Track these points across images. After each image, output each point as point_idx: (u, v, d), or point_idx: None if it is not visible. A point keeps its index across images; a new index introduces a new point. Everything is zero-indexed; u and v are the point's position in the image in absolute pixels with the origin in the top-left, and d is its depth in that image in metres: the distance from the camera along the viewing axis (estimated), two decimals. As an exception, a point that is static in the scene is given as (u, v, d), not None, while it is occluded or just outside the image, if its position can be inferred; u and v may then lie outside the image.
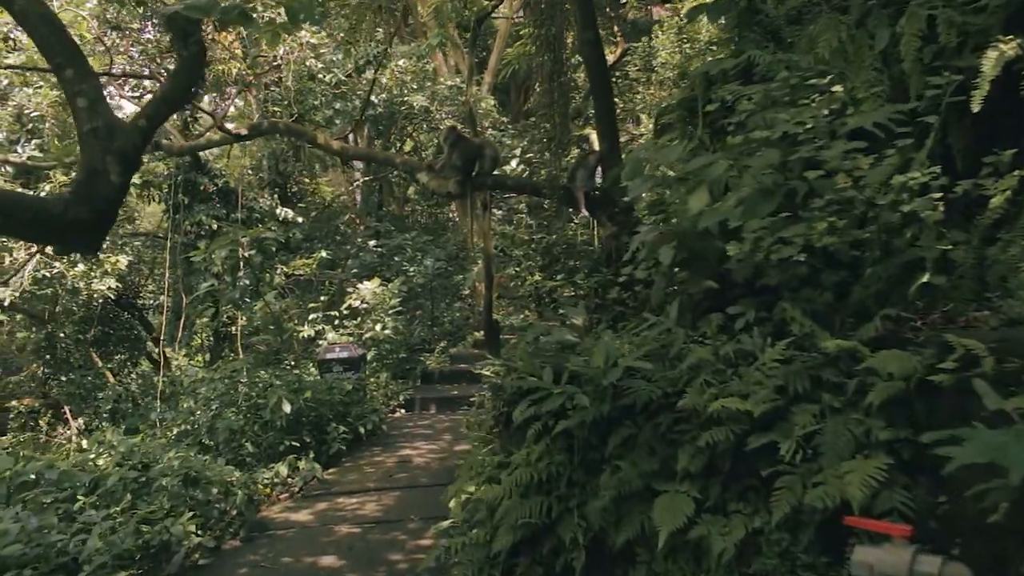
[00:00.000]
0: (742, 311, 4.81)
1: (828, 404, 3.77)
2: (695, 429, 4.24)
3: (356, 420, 11.76)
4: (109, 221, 4.02)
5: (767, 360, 4.09)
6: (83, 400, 16.09)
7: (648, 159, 5.75)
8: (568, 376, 4.75)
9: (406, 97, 18.88)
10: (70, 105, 3.97)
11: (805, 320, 4.08)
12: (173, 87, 4.56)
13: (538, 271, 11.55)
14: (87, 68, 4.05)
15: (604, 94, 8.67)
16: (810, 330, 4.03)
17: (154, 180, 14.98)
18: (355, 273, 18.90)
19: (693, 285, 5.25)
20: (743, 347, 4.34)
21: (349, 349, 13.60)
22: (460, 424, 13.27)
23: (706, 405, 4.05)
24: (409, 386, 15.94)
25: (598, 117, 8.79)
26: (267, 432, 10.49)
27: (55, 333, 16.83)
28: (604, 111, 8.71)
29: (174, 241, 14.51)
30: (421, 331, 19.37)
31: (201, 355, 18.71)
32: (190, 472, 7.81)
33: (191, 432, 11.16)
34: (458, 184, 8.59)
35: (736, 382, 4.18)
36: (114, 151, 3.85)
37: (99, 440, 11.73)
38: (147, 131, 4.25)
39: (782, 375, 3.96)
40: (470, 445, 10.95)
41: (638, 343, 4.98)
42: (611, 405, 4.45)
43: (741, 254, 4.42)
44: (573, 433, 4.78)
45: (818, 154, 4.28)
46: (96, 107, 3.91)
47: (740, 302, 5.00)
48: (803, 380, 3.91)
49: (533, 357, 5.40)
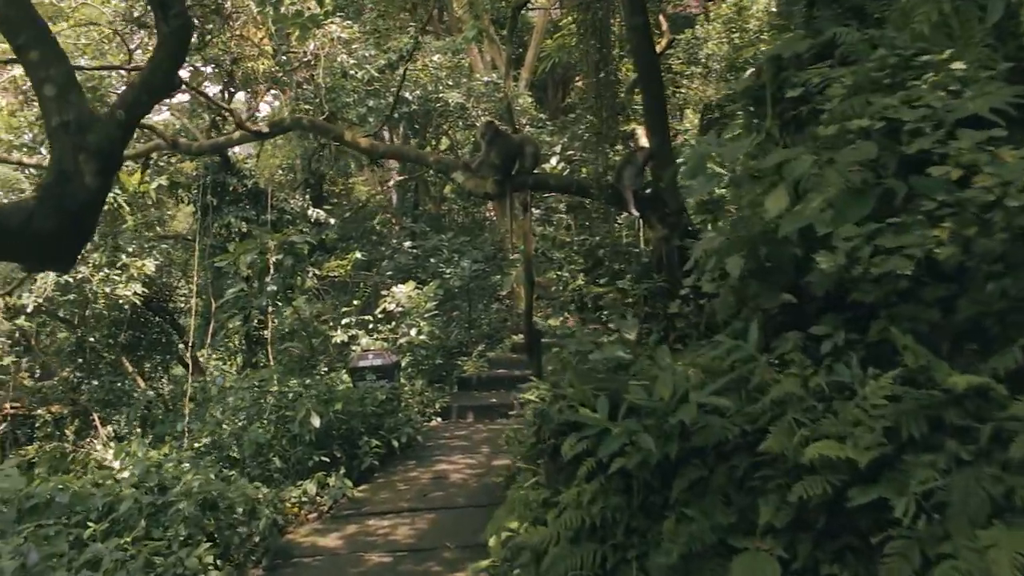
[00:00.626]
0: (828, 331, 4.12)
1: (954, 454, 3.07)
2: (780, 476, 3.56)
3: (389, 433, 11.18)
4: (84, 232, 3.42)
5: (869, 395, 3.40)
6: (112, 406, 15.72)
7: (711, 155, 5.06)
8: (626, 408, 4.09)
9: (441, 93, 18.28)
10: (36, 94, 3.39)
11: (919, 348, 3.38)
12: (153, 71, 3.92)
13: (581, 274, 10.88)
14: (56, 50, 3.44)
15: (654, 85, 7.98)
16: (926, 361, 3.32)
17: (182, 181, 14.52)
18: (390, 275, 18.35)
19: (767, 299, 4.55)
20: (838, 378, 3.64)
21: (383, 356, 13.04)
22: (498, 435, 12.64)
23: (796, 450, 3.37)
24: (445, 393, 15.37)
25: (647, 110, 8.11)
26: (295, 446, 9.94)
27: (85, 337, 16.47)
28: (654, 104, 8.03)
29: (203, 244, 14.04)
30: (458, 334, 18.79)
31: (232, 360, 18.30)
32: (209, 495, 7.24)
33: (218, 444, 10.68)
34: (496, 184, 7.93)
35: (830, 420, 3.49)
36: (88, 148, 3.26)
37: (124, 451, 11.37)
38: (126, 123, 3.64)
39: (891, 415, 3.27)
40: (510, 460, 10.41)
41: (707, 368, 4.30)
42: (679, 446, 3.78)
43: (833, 266, 3.72)
44: (632, 473, 4.12)
45: (938, 146, 3.55)
46: (66, 96, 3.31)
47: (823, 320, 4.31)
48: (919, 423, 3.22)
49: (583, 380, 4.75)
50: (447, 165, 8.14)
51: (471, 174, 8.01)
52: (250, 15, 12.62)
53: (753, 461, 3.72)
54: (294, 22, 9.06)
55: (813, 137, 5.00)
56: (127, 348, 17.73)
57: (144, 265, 12.79)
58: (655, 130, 8.06)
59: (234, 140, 9.48)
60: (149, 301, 17.63)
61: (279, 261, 13.39)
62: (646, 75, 7.98)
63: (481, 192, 7.93)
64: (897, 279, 3.72)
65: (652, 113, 8.07)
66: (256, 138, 8.63)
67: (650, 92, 7.99)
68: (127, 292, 12.47)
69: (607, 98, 7.91)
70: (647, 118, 8.12)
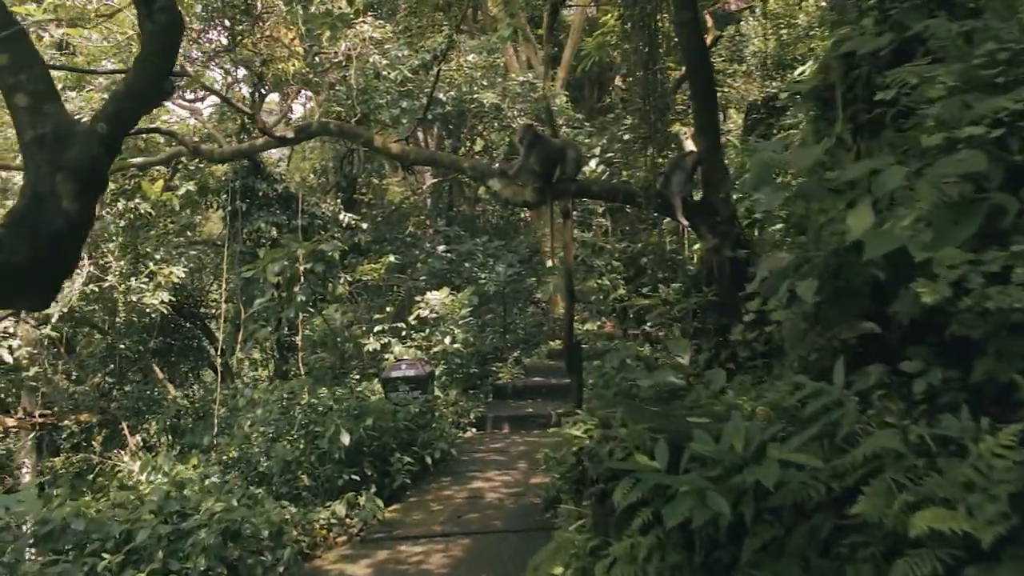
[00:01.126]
0: (921, 368, 3.58)
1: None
2: (874, 544, 3.04)
3: (423, 448, 10.74)
4: (63, 264, 2.95)
5: (985, 453, 2.87)
6: (142, 414, 15.46)
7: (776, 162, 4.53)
8: (689, 456, 3.58)
9: (476, 94, 17.81)
10: (7, 103, 2.94)
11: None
12: (138, 75, 3.41)
13: (622, 283, 10.34)
14: (29, 51, 2.98)
15: (704, 84, 7.44)
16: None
17: (212, 186, 14.20)
18: (423, 280, 17.94)
19: (844, 328, 4.02)
20: (944, 431, 3.10)
21: (416, 366, 12.60)
22: (535, 448, 12.18)
23: (897, 518, 2.85)
24: (480, 402, 14.93)
25: (696, 111, 7.57)
26: (324, 464, 9.53)
27: (116, 344, 16.24)
28: (703, 104, 7.49)
29: (232, 250, 13.71)
30: (493, 338, 18.35)
31: (265, 367, 18.00)
32: (231, 525, 6.83)
33: (245, 459, 10.33)
34: (536, 192, 7.41)
35: (936, 481, 2.96)
36: (66, 167, 2.81)
37: (150, 464, 11.05)
38: (109, 138, 3.16)
39: (1017, 480, 2.73)
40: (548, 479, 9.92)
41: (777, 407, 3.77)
42: (755, 507, 3.26)
43: (937, 298, 3.18)
44: (694, 528, 3.61)
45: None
46: (41, 107, 2.86)
47: (911, 352, 3.77)
48: (1052, 491, 2.68)
49: (635, 417, 4.24)
50: (482, 171, 7.63)
51: (508, 181, 7.51)
52: (280, 15, 12.24)
53: (839, 523, 3.19)
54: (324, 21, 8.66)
55: (892, 144, 4.46)
56: (158, 354, 17.51)
57: (172, 272, 12.46)
58: (704, 132, 7.52)
59: (258, 146, 9.06)
60: (180, 307, 17.39)
61: (310, 268, 13.03)
62: (696, 73, 7.43)
63: (519, 200, 7.42)
64: (1011, 312, 3.17)
65: (701, 114, 7.53)
66: (281, 144, 8.21)
67: (700, 91, 7.45)
68: (154, 301, 12.15)
69: (655, 98, 7.37)
70: (696, 119, 7.58)
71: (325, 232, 14.19)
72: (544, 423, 14.03)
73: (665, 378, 5.39)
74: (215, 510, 7.07)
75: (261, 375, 18.12)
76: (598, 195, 7.81)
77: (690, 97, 7.55)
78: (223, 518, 6.87)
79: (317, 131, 8.18)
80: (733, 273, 7.60)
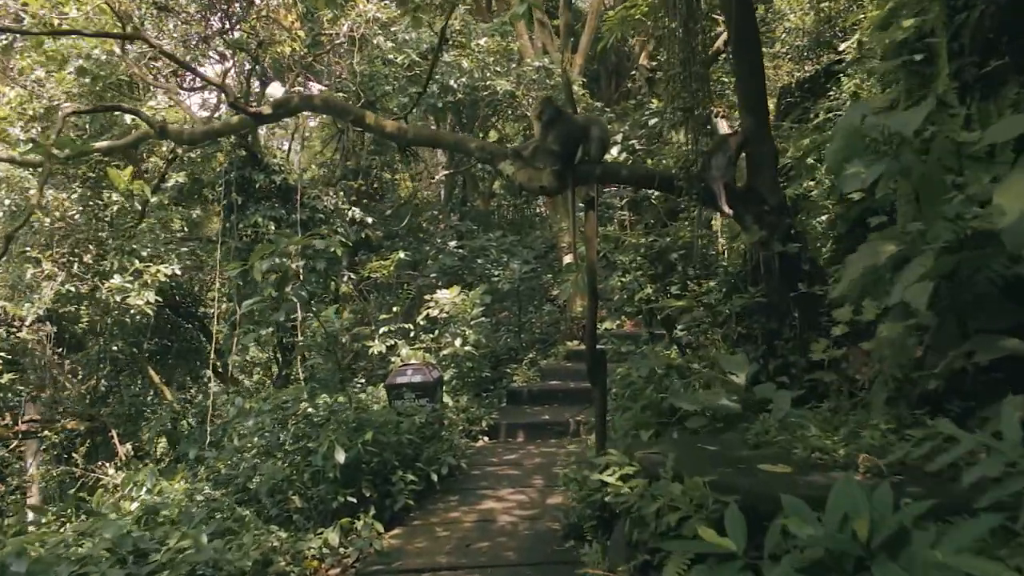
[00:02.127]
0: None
1: None
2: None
3: (428, 464, 9.72)
4: None
5: None
6: (134, 421, 14.58)
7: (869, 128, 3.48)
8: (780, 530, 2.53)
9: (489, 81, 16.77)
10: None
11: None
12: None
13: (649, 282, 9.30)
14: None
15: (751, 54, 6.40)
16: None
17: (204, 178, 13.25)
18: (434, 277, 16.94)
19: (981, 347, 2.97)
20: None
21: (423, 372, 11.60)
22: (552, 460, 11.17)
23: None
24: (493, 408, 13.92)
25: (740, 83, 6.53)
26: (318, 484, 8.54)
27: (108, 347, 15.36)
28: (750, 76, 6.45)
29: (228, 246, 12.76)
30: (507, 338, 17.39)
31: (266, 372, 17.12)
32: (196, 569, 5.85)
33: (235, 476, 9.39)
34: (555, 176, 6.33)
35: None
36: None
37: (132, 481, 10.16)
38: None
39: None
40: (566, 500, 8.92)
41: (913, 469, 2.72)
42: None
43: None
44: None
45: None
46: None
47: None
48: None
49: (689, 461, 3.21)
50: (492, 153, 6.56)
51: (523, 163, 6.45)
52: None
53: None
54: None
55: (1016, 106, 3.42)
56: (154, 356, 16.63)
57: (159, 271, 11.49)
58: (751, 108, 6.48)
59: (232, 125, 8.05)
60: (178, 306, 16.52)
61: (310, 266, 12.07)
62: (742, 43, 6.39)
63: (535, 187, 6.37)
64: None
65: (747, 88, 6.48)
66: (257, 121, 7.21)
67: (747, 62, 6.41)
68: (139, 302, 11.18)
69: (697, 64, 6.31)
70: (740, 92, 6.52)
71: (328, 226, 13.20)
72: (561, 431, 13.02)
73: (716, 401, 4.35)
74: (183, 546, 6.11)
75: (262, 379, 17.26)
76: (627, 180, 6.74)
77: (734, 65, 6.49)
78: (189, 559, 5.89)
79: (298, 106, 7.16)
80: (783, 270, 6.58)
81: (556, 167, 6.28)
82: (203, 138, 8.28)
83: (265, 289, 8.72)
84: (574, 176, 6.36)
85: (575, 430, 13.08)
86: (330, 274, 13.02)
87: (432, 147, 15.71)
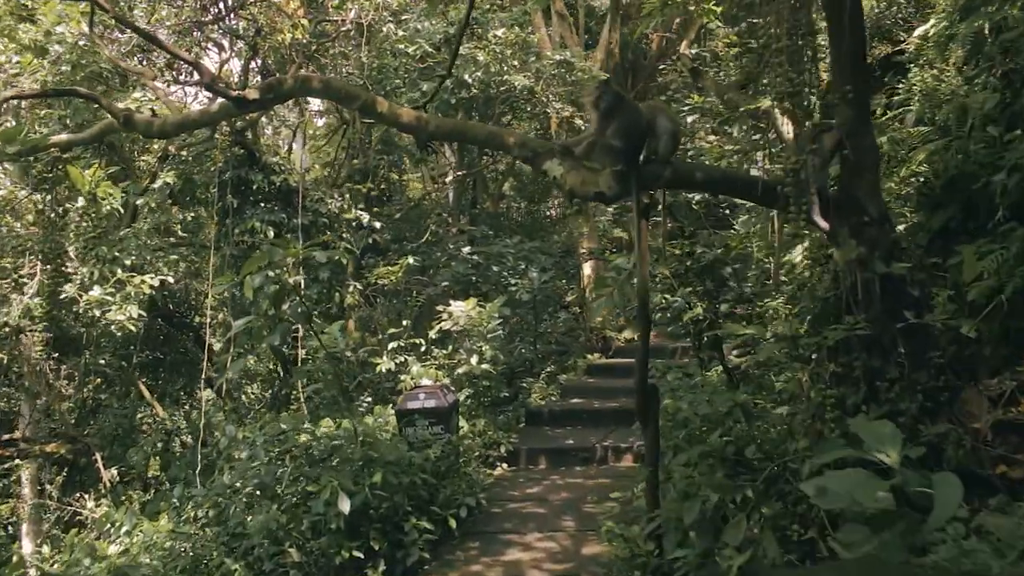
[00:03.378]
0: None
1: None
2: None
3: (445, 508, 8.52)
4: None
5: None
6: (120, 442, 13.42)
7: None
8: None
9: (506, 76, 15.54)
10: None
11: None
12: None
13: (698, 301, 8.09)
14: None
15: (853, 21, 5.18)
16: None
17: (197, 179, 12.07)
18: (446, 285, 15.72)
19: None
20: None
21: (437, 395, 10.40)
22: (581, 494, 9.98)
23: None
24: (511, 429, 12.73)
25: (838, 67, 5.31)
26: (319, 535, 7.36)
27: (96, 361, 14.22)
28: (851, 56, 5.24)
29: (222, 253, 11.58)
30: (522, 348, 16.22)
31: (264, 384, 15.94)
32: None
33: (223, 518, 8.25)
34: (617, 178, 5.08)
35: None
36: None
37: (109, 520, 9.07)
38: None
39: None
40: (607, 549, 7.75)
41: None
42: None
43: None
44: None
45: None
46: None
47: None
48: None
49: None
50: (535, 150, 5.29)
51: (574, 163, 5.20)
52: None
53: None
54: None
55: None
56: (145, 370, 15.48)
57: (144, 281, 10.29)
58: (851, 97, 5.26)
59: (213, 114, 6.81)
60: (171, 315, 15.38)
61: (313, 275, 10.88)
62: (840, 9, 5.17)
63: (589, 192, 5.08)
64: None
65: (847, 71, 5.27)
66: (241, 108, 5.99)
67: (847, 38, 5.19)
68: (121, 317, 9.97)
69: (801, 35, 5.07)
70: (837, 78, 5.30)
71: (331, 232, 12.00)
72: (587, 458, 11.88)
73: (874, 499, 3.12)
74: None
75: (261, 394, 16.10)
76: (703, 185, 5.46)
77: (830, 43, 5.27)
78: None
79: (294, 90, 5.88)
80: (886, 296, 5.38)
81: (618, 167, 5.03)
82: (177, 130, 7.06)
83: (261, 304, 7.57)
84: (639, 179, 5.12)
85: (602, 456, 11.94)
86: (334, 284, 11.84)
87: (458, 141, 14.28)
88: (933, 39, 8.95)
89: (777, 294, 7.97)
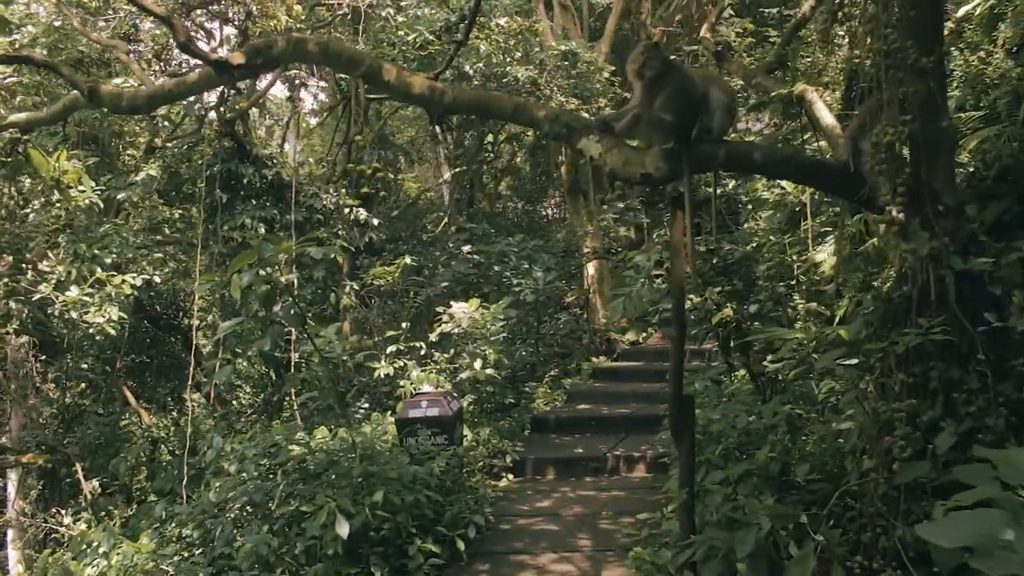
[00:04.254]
0: None
1: None
2: None
3: (452, 527, 7.82)
4: None
5: None
6: (103, 451, 12.70)
7: None
8: None
9: (508, 67, 14.87)
10: None
11: None
12: None
13: (727, 302, 7.42)
14: None
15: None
16: None
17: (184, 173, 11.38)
18: (445, 286, 15.03)
19: None
20: None
21: (440, 403, 9.73)
22: (594, 508, 9.30)
23: None
24: (516, 437, 12.05)
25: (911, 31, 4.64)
26: (314, 561, 6.67)
27: (77, 364, 13.50)
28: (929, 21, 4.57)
29: (210, 251, 10.87)
30: (523, 351, 15.56)
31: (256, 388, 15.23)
32: None
33: (208, 539, 7.56)
34: (667, 157, 4.35)
35: None
36: None
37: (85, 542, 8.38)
38: None
39: None
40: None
41: None
42: None
43: None
44: None
45: None
46: None
47: None
48: None
49: None
50: (569, 125, 4.54)
51: (615, 141, 4.47)
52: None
53: None
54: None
55: None
56: (130, 374, 14.75)
57: (125, 281, 9.57)
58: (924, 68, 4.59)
59: (191, 84, 6.05)
60: (158, 317, 14.67)
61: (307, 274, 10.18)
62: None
63: (634, 173, 4.33)
64: None
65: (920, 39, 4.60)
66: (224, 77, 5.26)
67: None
68: (100, 319, 9.25)
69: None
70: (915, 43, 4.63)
71: (325, 229, 11.31)
72: (598, 468, 11.22)
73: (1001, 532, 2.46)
74: None
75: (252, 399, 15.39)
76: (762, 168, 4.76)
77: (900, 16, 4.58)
78: None
79: (285, 53, 5.12)
80: (964, 295, 4.71)
81: (669, 144, 4.29)
82: (148, 103, 6.29)
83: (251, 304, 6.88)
84: (690, 159, 4.39)
85: (614, 466, 11.27)
86: (329, 284, 11.14)
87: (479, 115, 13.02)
88: (977, 19, 8.34)
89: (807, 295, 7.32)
